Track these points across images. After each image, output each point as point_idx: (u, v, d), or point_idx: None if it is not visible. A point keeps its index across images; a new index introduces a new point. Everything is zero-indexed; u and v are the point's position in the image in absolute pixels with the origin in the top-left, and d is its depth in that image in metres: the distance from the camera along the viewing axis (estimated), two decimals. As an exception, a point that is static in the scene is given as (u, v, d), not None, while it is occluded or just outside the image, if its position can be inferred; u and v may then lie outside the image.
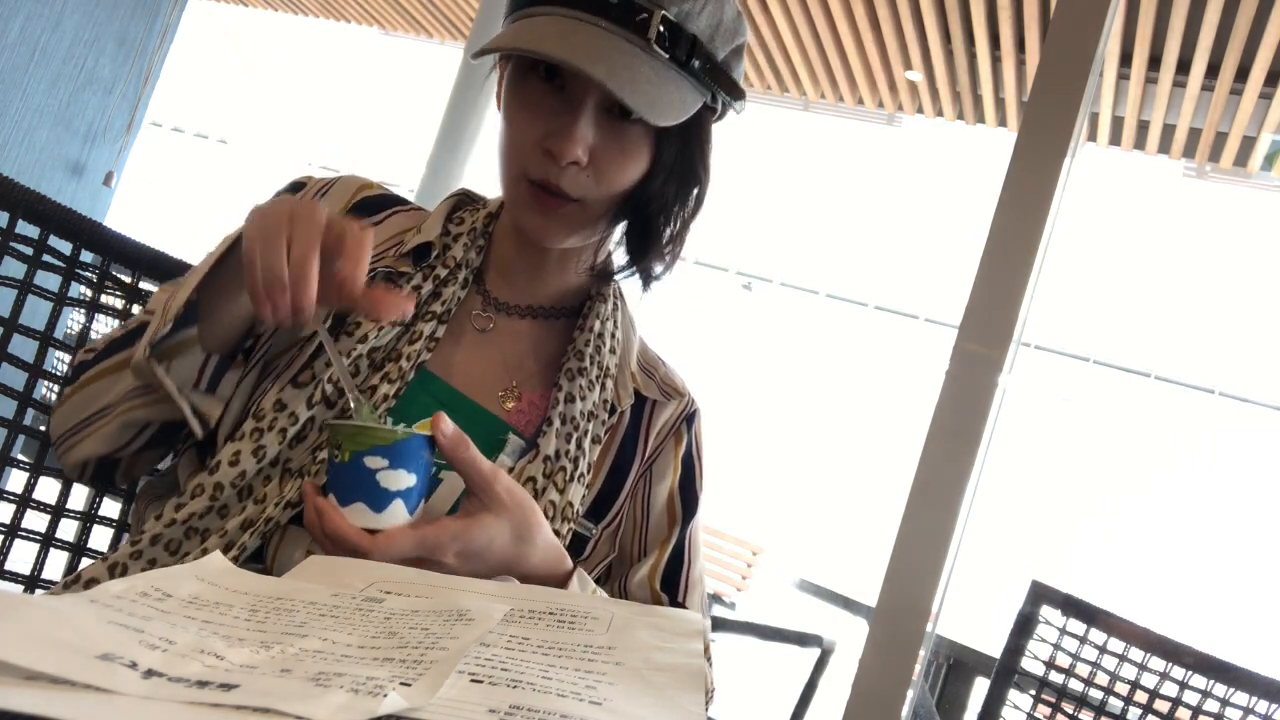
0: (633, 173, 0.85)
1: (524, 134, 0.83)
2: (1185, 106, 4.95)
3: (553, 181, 0.82)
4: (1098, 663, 1.59)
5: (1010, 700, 1.62)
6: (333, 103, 10.83)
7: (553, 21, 0.79)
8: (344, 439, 0.69)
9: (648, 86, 0.78)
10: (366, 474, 0.68)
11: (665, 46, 0.79)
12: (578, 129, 0.80)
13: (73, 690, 0.38)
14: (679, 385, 1.00)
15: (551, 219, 0.84)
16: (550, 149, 0.81)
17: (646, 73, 0.78)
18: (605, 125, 0.82)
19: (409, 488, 0.69)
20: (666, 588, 0.95)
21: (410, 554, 0.68)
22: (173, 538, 0.78)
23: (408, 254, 0.89)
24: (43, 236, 1.03)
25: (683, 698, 0.47)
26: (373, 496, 0.68)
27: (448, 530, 0.69)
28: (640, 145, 0.84)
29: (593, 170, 0.83)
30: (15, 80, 3.78)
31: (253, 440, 0.80)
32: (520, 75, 0.84)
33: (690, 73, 0.82)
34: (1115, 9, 1.22)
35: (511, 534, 0.72)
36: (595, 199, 0.84)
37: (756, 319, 9.58)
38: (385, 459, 0.68)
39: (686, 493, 0.97)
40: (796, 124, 7.52)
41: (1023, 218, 1.17)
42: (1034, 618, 1.63)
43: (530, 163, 0.83)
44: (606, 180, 0.83)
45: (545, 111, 0.82)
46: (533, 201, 0.84)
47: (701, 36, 0.82)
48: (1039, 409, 8.59)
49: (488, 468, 0.72)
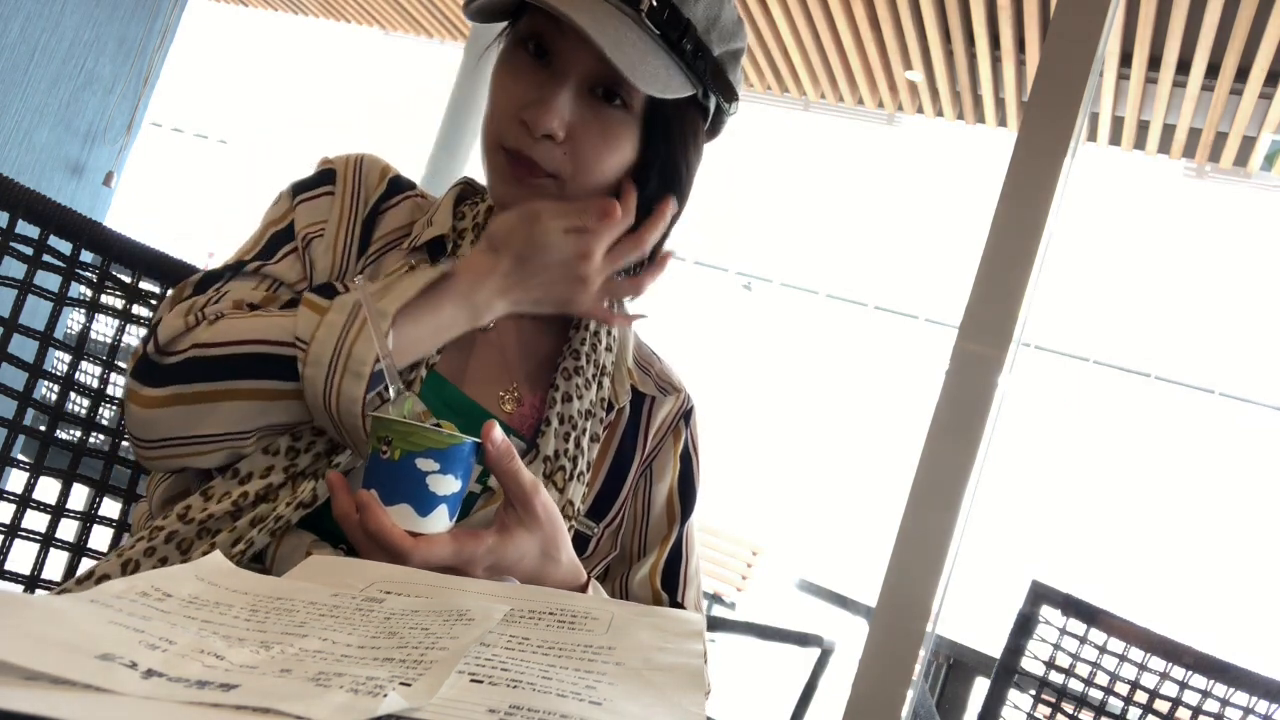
0: (612, 159, 0.84)
1: (504, 103, 0.83)
2: (1185, 106, 4.95)
3: (525, 152, 0.82)
4: (1098, 663, 1.59)
5: (1010, 700, 1.62)
6: (333, 103, 10.83)
7: None
8: (396, 436, 0.66)
9: (632, 51, 0.78)
10: (417, 476, 0.66)
11: (658, 23, 0.80)
12: (556, 101, 0.80)
13: (73, 690, 0.38)
14: (675, 381, 1.00)
15: (523, 189, 0.84)
16: (525, 119, 0.81)
17: (634, 40, 0.79)
18: (587, 104, 0.83)
19: (454, 493, 0.68)
20: (666, 585, 0.95)
21: (446, 562, 0.67)
22: (186, 536, 0.78)
23: (421, 248, 0.89)
24: (43, 236, 1.03)
25: (683, 698, 0.47)
26: (420, 500, 0.67)
27: (484, 543, 0.69)
28: (621, 131, 0.84)
29: (569, 147, 0.82)
30: (15, 80, 3.78)
31: (288, 458, 0.79)
32: (509, 49, 0.85)
33: (681, 55, 0.82)
34: (1115, 9, 1.22)
35: (540, 552, 0.72)
36: (572, 179, 0.83)
37: (756, 319, 9.58)
38: (437, 463, 0.66)
39: (685, 490, 0.98)
40: (796, 124, 7.53)
41: (1023, 218, 1.17)
42: (1034, 618, 1.63)
43: (506, 132, 0.83)
44: (583, 160, 0.83)
45: (528, 83, 0.83)
46: (506, 170, 0.84)
47: (697, 25, 0.82)
48: (1039, 409, 8.59)
49: (529, 481, 0.71)
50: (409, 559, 0.65)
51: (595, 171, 0.83)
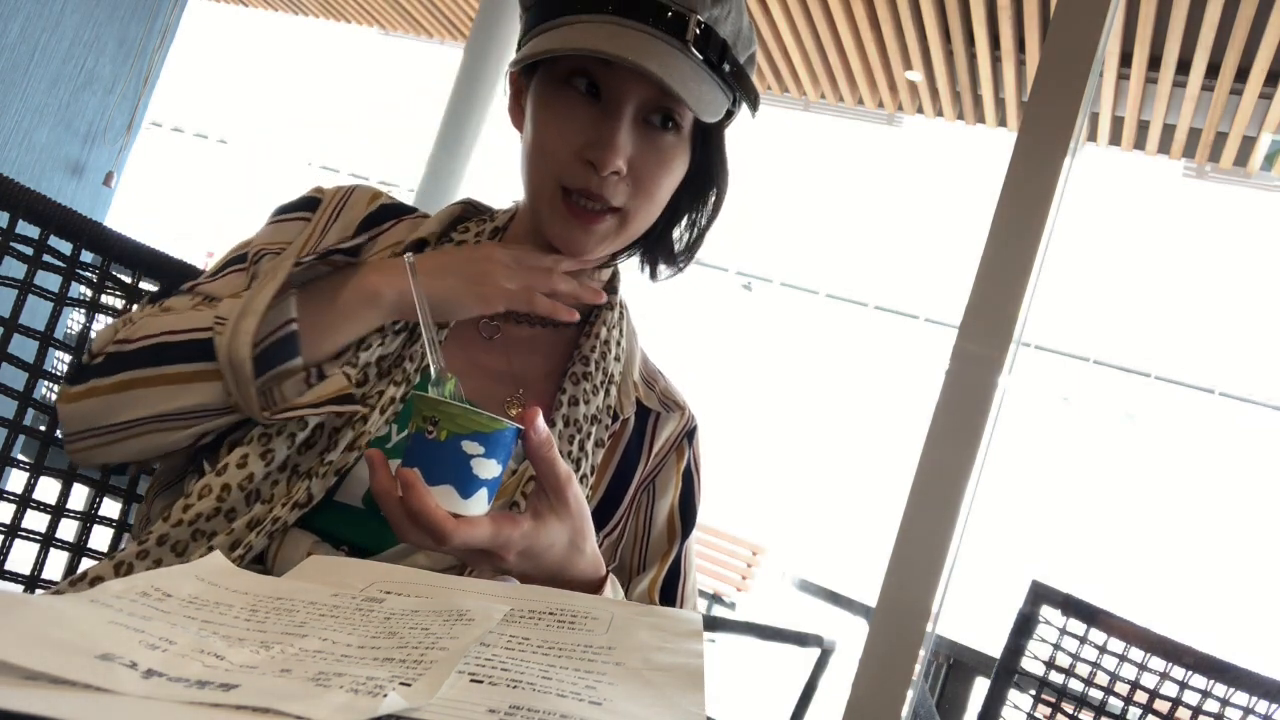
0: (669, 182, 0.87)
1: (561, 144, 0.83)
2: (1185, 106, 4.95)
3: (594, 190, 0.83)
4: (1098, 663, 1.59)
5: (1010, 700, 1.62)
6: (333, 103, 10.83)
7: (597, 26, 0.80)
8: (443, 418, 0.67)
9: (693, 84, 0.80)
10: (462, 458, 0.67)
11: (701, 49, 0.82)
12: (619, 138, 0.82)
13: (73, 690, 0.38)
14: (678, 399, 1.01)
15: (589, 234, 0.86)
16: (592, 159, 0.82)
17: (685, 68, 0.80)
18: (643, 134, 0.84)
19: (494, 478, 0.68)
20: (665, 600, 0.96)
21: (483, 545, 0.68)
22: (179, 539, 0.78)
23: (403, 250, 0.89)
24: (43, 236, 1.03)
25: (683, 698, 0.47)
26: (463, 482, 0.67)
27: (520, 528, 0.69)
28: (676, 155, 0.86)
29: (631, 179, 0.84)
30: (15, 80, 3.78)
31: (261, 444, 0.80)
32: (555, 86, 0.85)
33: (720, 75, 0.84)
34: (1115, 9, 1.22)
35: (569, 540, 0.73)
36: (635, 209, 0.86)
37: (756, 319, 9.58)
38: (482, 446, 0.67)
39: (685, 508, 0.99)
40: (796, 124, 7.53)
41: (1023, 218, 1.17)
42: (1034, 618, 1.63)
43: (568, 173, 0.83)
44: (644, 189, 0.85)
45: (582, 122, 0.83)
46: (571, 216, 0.85)
47: (728, 41, 0.84)
48: (1039, 409, 8.60)
49: (564, 471, 0.72)
50: (450, 540, 0.66)
51: (657, 197, 0.86)
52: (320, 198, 0.94)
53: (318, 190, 0.96)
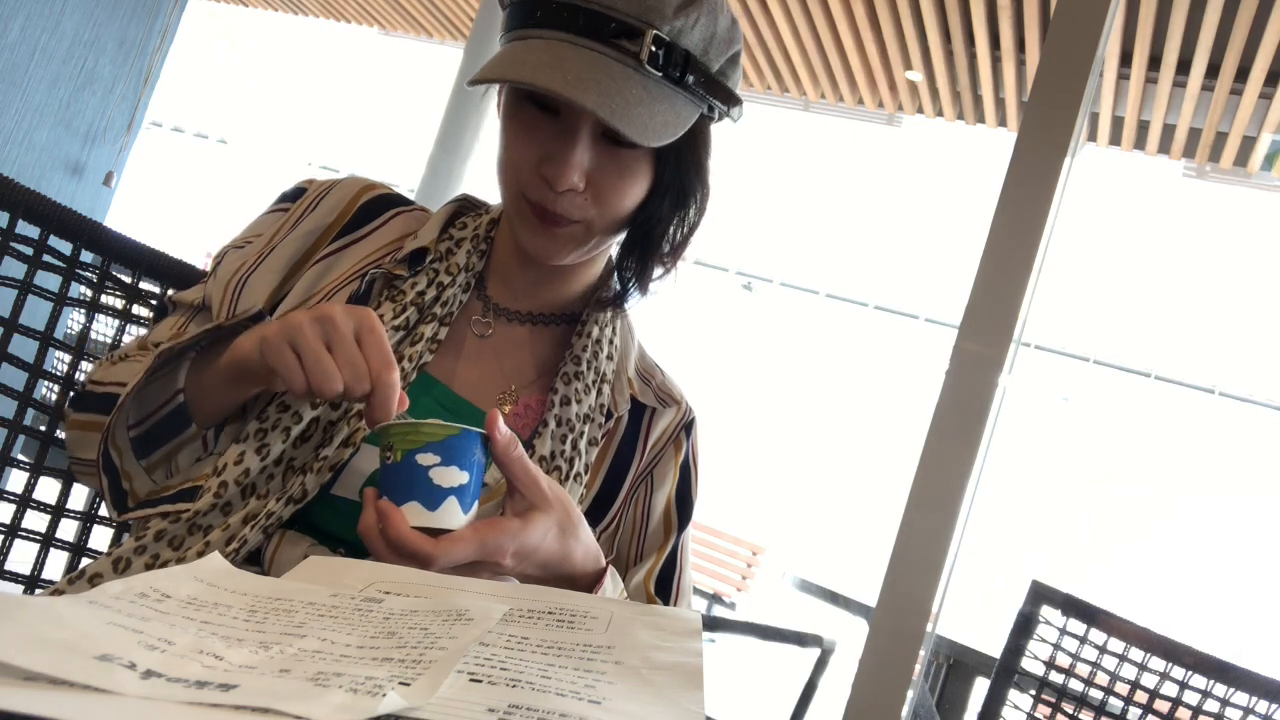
0: (633, 194, 0.85)
1: (521, 157, 0.83)
2: (1185, 106, 4.95)
3: (549, 207, 0.82)
4: (1098, 663, 1.59)
5: (1010, 700, 1.62)
6: (333, 103, 10.83)
7: (546, 46, 0.78)
8: (395, 439, 0.68)
9: (639, 109, 0.77)
10: (419, 471, 0.67)
11: (658, 65, 0.79)
12: (573, 156, 0.80)
13: (72, 690, 0.38)
14: (675, 393, 1.00)
15: (554, 239, 0.85)
16: (546, 175, 0.81)
17: (639, 94, 0.78)
18: (603, 150, 0.82)
19: (462, 485, 0.69)
20: (660, 591, 0.96)
21: (473, 557, 0.67)
22: (176, 534, 0.79)
23: (404, 259, 0.89)
24: (43, 236, 1.03)
25: (682, 697, 0.47)
26: (426, 494, 0.67)
27: (507, 530, 0.69)
28: (638, 167, 0.84)
29: (591, 194, 0.83)
30: (15, 80, 3.78)
31: (257, 440, 0.80)
32: (516, 100, 0.84)
33: (685, 88, 0.81)
34: (1115, 9, 1.22)
35: (558, 530, 0.73)
36: (598, 220, 0.85)
37: (756, 319, 9.58)
38: (437, 455, 0.68)
39: (683, 500, 0.99)
40: (796, 124, 7.52)
41: (1023, 218, 1.17)
42: (1034, 618, 1.63)
43: (528, 186, 0.83)
44: (606, 203, 0.84)
45: (542, 136, 0.82)
46: (534, 221, 0.84)
47: (695, 51, 0.81)
48: (1039, 409, 8.59)
49: (534, 467, 0.72)
50: (434, 563, 0.65)
51: (618, 210, 0.85)
52: (307, 188, 0.95)
53: (308, 181, 0.96)
